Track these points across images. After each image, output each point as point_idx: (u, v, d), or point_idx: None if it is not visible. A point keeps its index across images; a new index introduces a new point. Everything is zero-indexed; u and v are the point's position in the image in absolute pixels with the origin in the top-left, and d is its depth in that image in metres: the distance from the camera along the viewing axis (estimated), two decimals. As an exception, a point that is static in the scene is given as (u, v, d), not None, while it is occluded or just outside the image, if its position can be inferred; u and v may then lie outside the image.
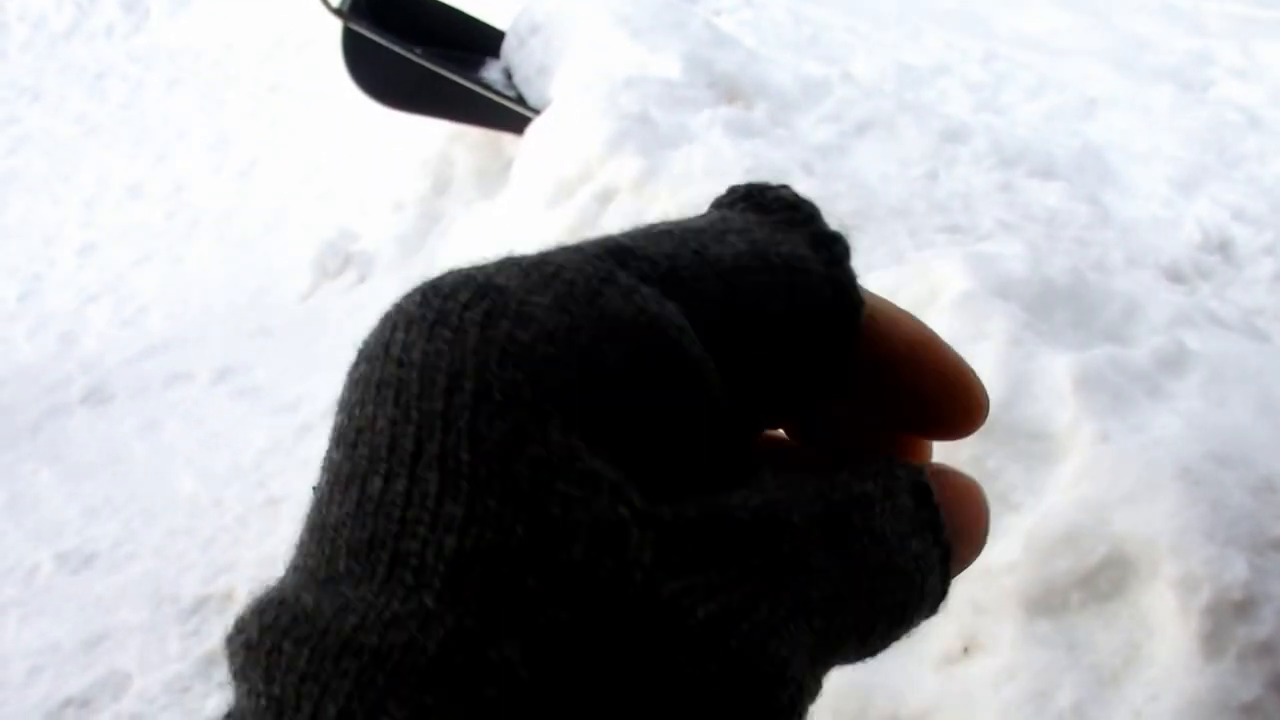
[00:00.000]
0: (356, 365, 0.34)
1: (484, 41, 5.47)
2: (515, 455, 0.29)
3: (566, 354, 0.31)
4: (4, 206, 6.41)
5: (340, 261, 5.07)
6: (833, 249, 0.37)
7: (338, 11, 5.11)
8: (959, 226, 3.55)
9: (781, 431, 0.40)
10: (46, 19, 9.00)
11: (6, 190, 6.62)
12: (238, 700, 0.31)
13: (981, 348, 2.44)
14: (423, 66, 4.95)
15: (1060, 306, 2.65)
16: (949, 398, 0.40)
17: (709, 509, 0.31)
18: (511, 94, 4.98)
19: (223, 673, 0.32)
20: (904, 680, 2.11)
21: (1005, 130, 4.64)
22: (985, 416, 0.41)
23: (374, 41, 5.03)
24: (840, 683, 2.11)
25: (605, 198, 3.70)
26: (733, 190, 0.39)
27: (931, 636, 2.16)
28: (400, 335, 0.32)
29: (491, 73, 5.23)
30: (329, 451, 0.33)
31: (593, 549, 0.29)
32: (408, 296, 0.34)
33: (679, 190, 3.58)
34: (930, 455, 0.43)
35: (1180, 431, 2.24)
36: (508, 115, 4.88)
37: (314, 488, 0.33)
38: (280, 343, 4.70)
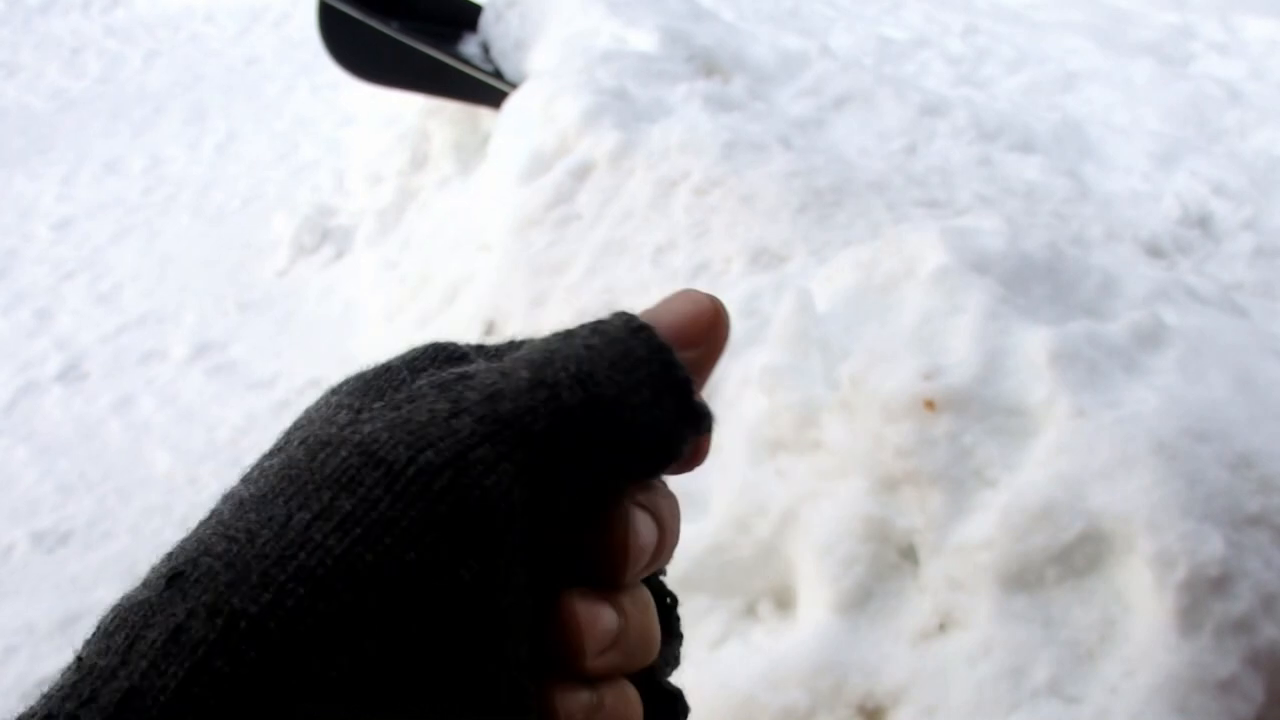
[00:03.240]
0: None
1: (461, 15, 5.44)
2: None
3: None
4: (-21, 182, 6.37)
5: (317, 237, 5.05)
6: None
7: (313, -15, 5.09)
8: (937, 200, 3.54)
9: None
10: (23, -7, 8.95)
11: (-19, 165, 6.58)
12: None
13: (957, 322, 2.43)
14: (399, 41, 4.92)
15: (1037, 281, 2.64)
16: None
17: None
18: (489, 68, 4.96)
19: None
20: (879, 657, 2.10)
21: (984, 104, 4.62)
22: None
23: (350, 16, 5.00)
24: (815, 661, 2.10)
25: (582, 172, 3.68)
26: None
27: (907, 613, 2.16)
28: None
29: (469, 47, 5.21)
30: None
31: None
32: None
33: (656, 165, 3.57)
34: None
35: (1157, 407, 2.23)
36: (485, 90, 4.85)
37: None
38: (257, 319, 4.69)
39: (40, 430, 4.18)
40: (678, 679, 0.60)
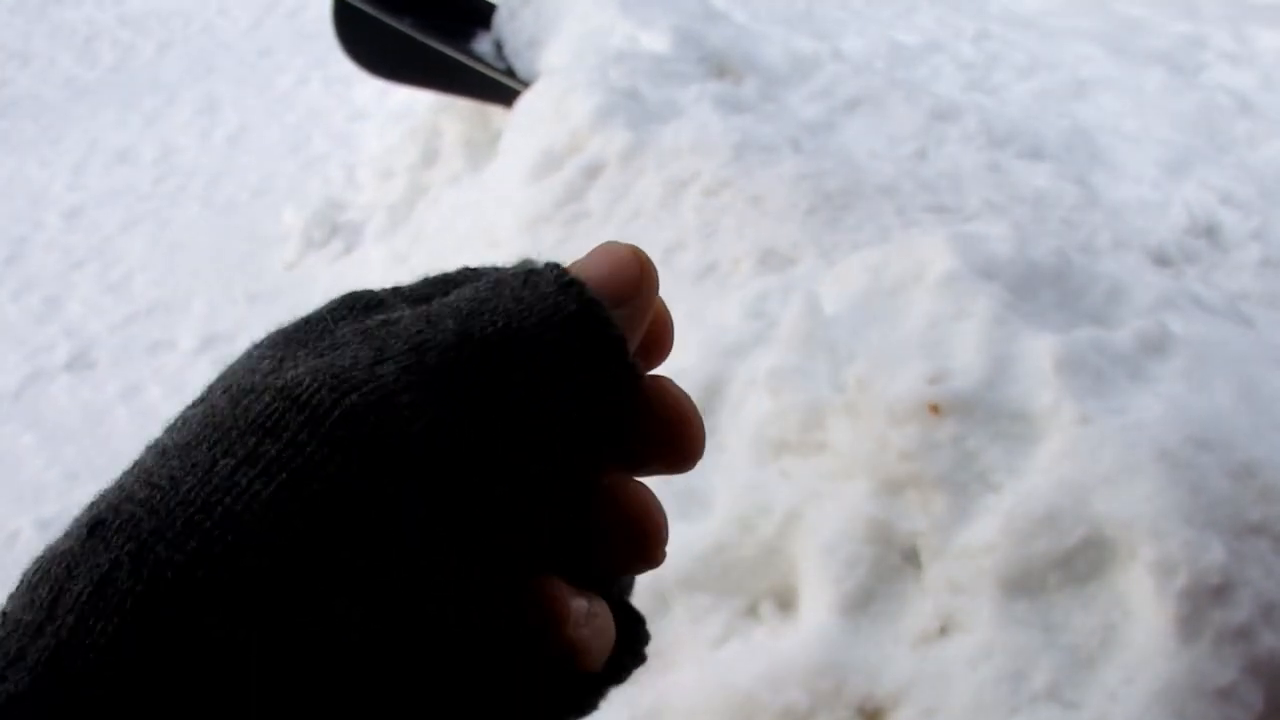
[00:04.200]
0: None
1: (475, 13, 5.44)
2: None
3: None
4: (-9, 169, 6.39)
5: (327, 231, 5.06)
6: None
7: (328, -21, 5.10)
8: (946, 206, 3.55)
9: None
10: (37, -19, 8.97)
11: (-7, 153, 6.60)
12: None
13: (964, 327, 2.44)
14: (413, 37, 4.93)
15: (1045, 287, 2.65)
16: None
17: None
18: (502, 66, 4.96)
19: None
20: (880, 659, 2.11)
21: (995, 110, 4.63)
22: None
23: (364, 11, 5.01)
24: (816, 661, 2.11)
25: (592, 172, 3.69)
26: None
27: (908, 615, 2.17)
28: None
29: (482, 45, 5.21)
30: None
31: None
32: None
33: (666, 165, 3.58)
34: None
35: (1161, 415, 2.24)
36: (497, 88, 4.86)
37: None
38: (265, 311, 4.69)
39: (47, 417, 4.20)
40: (681, 679, 0.61)
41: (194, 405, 0.48)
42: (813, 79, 4.49)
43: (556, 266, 0.51)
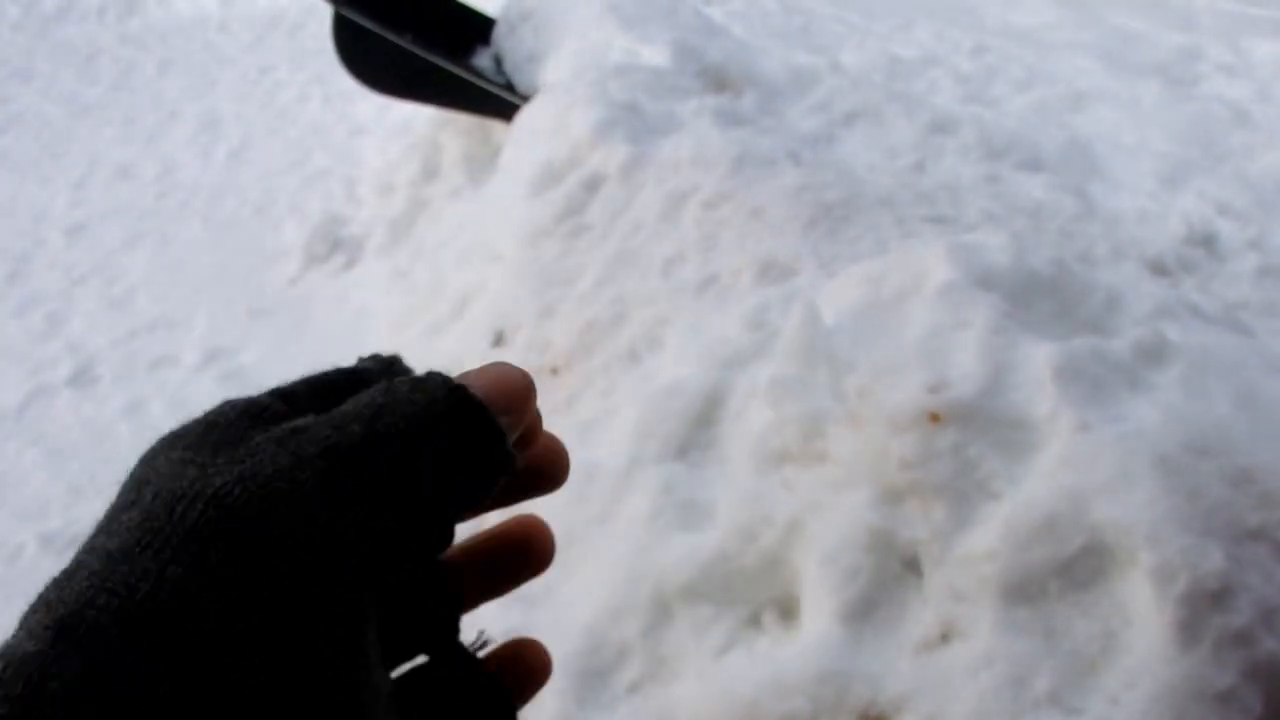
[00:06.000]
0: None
1: (475, 28, 5.47)
2: None
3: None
4: (-8, 187, 6.40)
5: (328, 246, 5.08)
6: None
7: (328, -5, 5.12)
8: (944, 217, 3.56)
9: None
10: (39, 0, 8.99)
11: (-5, 170, 6.61)
12: None
13: (963, 337, 2.45)
14: (413, 53, 4.94)
15: (1043, 297, 2.66)
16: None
17: None
18: (501, 81, 4.98)
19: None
20: (882, 666, 2.12)
21: (993, 122, 4.64)
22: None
23: (364, 27, 5.03)
24: (818, 670, 2.12)
25: (593, 185, 3.70)
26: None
27: (910, 623, 2.18)
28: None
29: (482, 60, 5.23)
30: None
31: None
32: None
33: (666, 178, 3.59)
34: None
35: (1159, 422, 2.25)
36: (497, 102, 4.88)
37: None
38: (267, 326, 4.71)
39: (51, 433, 4.21)
40: (684, 689, 0.69)
41: (124, 509, 0.52)
42: (811, 92, 4.51)
43: (440, 375, 0.57)
